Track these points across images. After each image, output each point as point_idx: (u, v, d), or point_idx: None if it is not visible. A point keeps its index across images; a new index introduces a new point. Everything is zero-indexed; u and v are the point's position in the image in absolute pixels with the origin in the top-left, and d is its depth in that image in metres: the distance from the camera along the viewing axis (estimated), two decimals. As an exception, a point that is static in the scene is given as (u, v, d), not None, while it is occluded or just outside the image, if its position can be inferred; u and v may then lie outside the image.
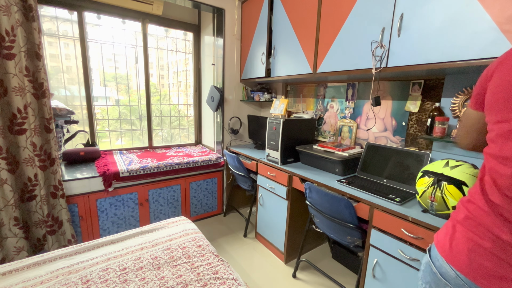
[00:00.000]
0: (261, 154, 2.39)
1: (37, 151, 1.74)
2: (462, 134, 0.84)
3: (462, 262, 0.64)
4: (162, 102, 3.02)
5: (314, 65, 1.89)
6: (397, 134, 1.77)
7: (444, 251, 0.69)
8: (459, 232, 0.67)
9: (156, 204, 2.36)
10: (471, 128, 0.78)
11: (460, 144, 0.86)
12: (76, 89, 2.45)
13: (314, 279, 1.90)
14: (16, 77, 1.62)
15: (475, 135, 0.78)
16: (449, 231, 0.71)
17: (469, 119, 0.79)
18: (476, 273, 0.61)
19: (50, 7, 2.21)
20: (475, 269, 0.62)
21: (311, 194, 1.61)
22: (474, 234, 0.64)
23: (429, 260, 0.74)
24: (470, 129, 0.79)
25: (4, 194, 1.66)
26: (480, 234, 0.62)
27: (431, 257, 0.74)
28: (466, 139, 0.82)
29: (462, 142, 0.85)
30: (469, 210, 0.67)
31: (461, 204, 0.72)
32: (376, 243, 1.33)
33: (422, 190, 1.22)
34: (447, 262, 0.67)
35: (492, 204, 0.62)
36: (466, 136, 0.82)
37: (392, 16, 1.38)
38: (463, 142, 0.84)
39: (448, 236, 0.70)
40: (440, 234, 0.74)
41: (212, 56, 2.79)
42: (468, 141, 0.82)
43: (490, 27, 1.04)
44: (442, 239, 0.72)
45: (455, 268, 0.65)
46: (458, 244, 0.66)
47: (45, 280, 1.12)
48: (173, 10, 2.81)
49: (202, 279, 1.15)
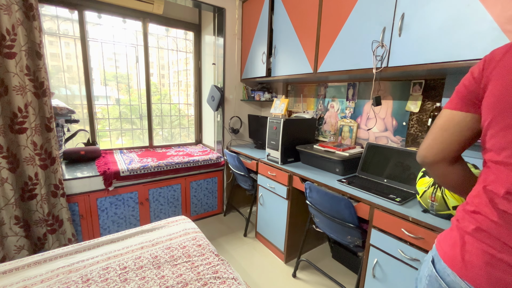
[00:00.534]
0: (261, 153, 2.39)
1: (37, 150, 1.74)
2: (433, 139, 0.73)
3: (480, 277, 0.57)
4: (162, 102, 3.02)
5: (315, 65, 1.89)
6: (397, 134, 1.76)
7: (455, 264, 0.62)
8: (471, 244, 0.61)
9: (157, 204, 2.36)
10: (449, 131, 0.70)
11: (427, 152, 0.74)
12: (76, 88, 2.45)
13: (314, 278, 1.90)
14: (17, 76, 1.62)
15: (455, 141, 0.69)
16: (457, 242, 0.63)
17: (449, 121, 0.70)
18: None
19: (50, 6, 2.21)
20: (494, 285, 0.56)
21: (311, 194, 1.61)
22: (489, 246, 0.58)
23: (436, 274, 0.66)
24: (447, 132, 0.70)
25: (4, 193, 1.66)
26: (497, 247, 0.57)
27: (437, 270, 0.66)
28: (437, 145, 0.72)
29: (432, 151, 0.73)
30: (478, 221, 0.61)
31: (465, 214, 0.65)
32: (376, 243, 1.33)
33: (422, 190, 1.22)
34: (461, 278, 0.60)
35: (507, 215, 0.57)
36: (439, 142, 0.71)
37: (393, 16, 1.38)
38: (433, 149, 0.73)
39: (458, 248, 0.62)
40: (445, 245, 0.67)
41: (213, 56, 2.79)
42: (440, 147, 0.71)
43: (492, 27, 1.04)
44: (449, 251, 0.64)
45: (472, 284, 0.58)
46: (472, 257, 0.60)
47: (45, 279, 1.12)
48: (173, 9, 2.80)
49: (202, 278, 1.15)
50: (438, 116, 0.73)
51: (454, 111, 0.69)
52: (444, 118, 0.71)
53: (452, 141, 0.70)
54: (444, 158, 0.72)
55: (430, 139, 0.73)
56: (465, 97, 0.67)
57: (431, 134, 0.74)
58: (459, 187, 0.77)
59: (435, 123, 0.73)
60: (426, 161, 0.75)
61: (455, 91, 0.70)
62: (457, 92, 0.69)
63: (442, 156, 0.72)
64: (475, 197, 0.65)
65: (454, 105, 0.69)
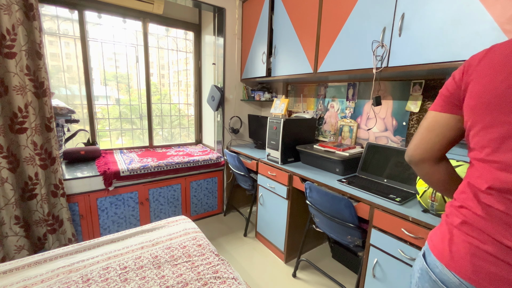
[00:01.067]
0: (261, 153, 2.39)
1: (37, 150, 1.74)
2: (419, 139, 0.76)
3: (465, 268, 0.61)
4: (162, 101, 3.02)
5: (315, 65, 1.89)
6: (397, 134, 1.76)
7: (444, 257, 0.66)
8: (458, 237, 0.65)
9: (157, 203, 2.36)
10: (434, 132, 0.73)
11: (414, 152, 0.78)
12: (76, 88, 2.45)
13: (314, 278, 1.90)
14: (17, 76, 1.62)
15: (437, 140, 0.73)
16: (446, 236, 0.67)
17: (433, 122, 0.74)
18: (481, 278, 0.59)
19: (51, 6, 2.21)
20: (479, 275, 0.59)
21: (312, 194, 1.61)
22: (474, 238, 0.61)
23: (426, 267, 0.69)
24: (434, 135, 0.73)
25: (4, 193, 1.66)
26: (481, 239, 0.60)
27: (427, 263, 0.69)
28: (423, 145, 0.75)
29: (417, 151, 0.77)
30: (464, 215, 0.65)
31: (453, 209, 0.69)
32: (376, 243, 1.33)
33: (422, 190, 1.22)
34: (449, 269, 0.64)
35: (490, 209, 0.60)
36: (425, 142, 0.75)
37: (393, 16, 1.38)
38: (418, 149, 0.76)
39: (446, 241, 0.66)
40: (435, 240, 0.70)
41: (213, 56, 2.79)
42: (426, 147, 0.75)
43: (492, 27, 1.04)
44: (439, 244, 0.68)
45: (458, 275, 0.62)
46: (459, 249, 0.63)
47: (45, 279, 1.12)
48: (173, 9, 2.80)
49: (202, 278, 1.15)
50: (424, 118, 0.77)
51: (438, 113, 0.73)
52: (429, 120, 0.75)
53: (436, 141, 0.73)
54: (430, 157, 0.75)
55: (417, 139, 0.77)
56: (448, 99, 0.70)
57: (417, 135, 0.78)
58: (443, 185, 0.81)
59: (421, 124, 0.77)
60: (413, 160, 0.79)
61: (439, 94, 0.74)
62: (441, 95, 0.73)
63: (427, 155, 0.76)
64: (462, 193, 0.68)
65: (438, 107, 0.73)
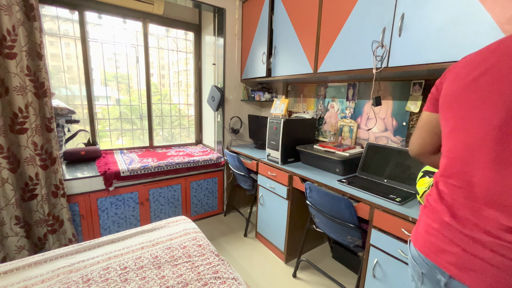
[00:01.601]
0: (261, 153, 2.39)
1: (38, 151, 1.74)
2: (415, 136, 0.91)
3: (421, 242, 0.75)
4: (162, 102, 3.03)
5: (315, 65, 1.89)
6: (397, 134, 1.76)
7: (413, 238, 0.79)
8: (421, 219, 0.78)
9: (157, 204, 2.36)
10: (425, 129, 0.86)
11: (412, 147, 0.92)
12: (77, 88, 2.45)
13: (314, 278, 1.90)
14: (17, 77, 1.62)
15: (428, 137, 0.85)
16: (418, 222, 0.80)
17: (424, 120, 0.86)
18: (428, 249, 0.72)
19: (51, 7, 2.21)
20: (427, 246, 0.72)
21: (312, 194, 1.61)
22: (428, 218, 0.74)
23: (410, 253, 0.81)
24: (425, 132, 0.86)
25: (5, 193, 1.66)
26: (432, 217, 0.73)
27: (410, 251, 0.81)
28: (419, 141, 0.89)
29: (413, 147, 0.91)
30: (427, 200, 0.78)
31: (425, 199, 0.81)
32: (377, 243, 1.33)
33: (422, 190, 1.22)
34: (414, 246, 0.77)
35: (441, 193, 0.72)
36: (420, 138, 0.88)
37: (393, 16, 1.38)
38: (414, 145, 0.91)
39: (416, 225, 0.81)
40: (413, 228, 0.83)
41: (213, 56, 2.79)
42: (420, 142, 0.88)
43: (491, 27, 1.04)
44: (414, 231, 0.81)
45: (418, 249, 0.75)
46: (419, 228, 0.78)
47: (46, 279, 1.12)
48: (174, 9, 2.81)
49: (202, 278, 1.15)
50: (420, 117, 0.90)
51: (427, 112, 0.85)
52: (421, 118, 0.88)
53: (428, 137, 0.86)
54: (426, 151, 0.88)
55: (414, 136, 0.92)
56: (432, 100, 0.82)
57: (414, 132, 0.92)
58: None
59: (417, 123, 0.90)
60: (413, 154, 0.93)
61: (428, 96, 0.85)
62: (429, 97, 0.84)
63: (423, 149, 0.89)
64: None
65: (427, 107, 0.85)
